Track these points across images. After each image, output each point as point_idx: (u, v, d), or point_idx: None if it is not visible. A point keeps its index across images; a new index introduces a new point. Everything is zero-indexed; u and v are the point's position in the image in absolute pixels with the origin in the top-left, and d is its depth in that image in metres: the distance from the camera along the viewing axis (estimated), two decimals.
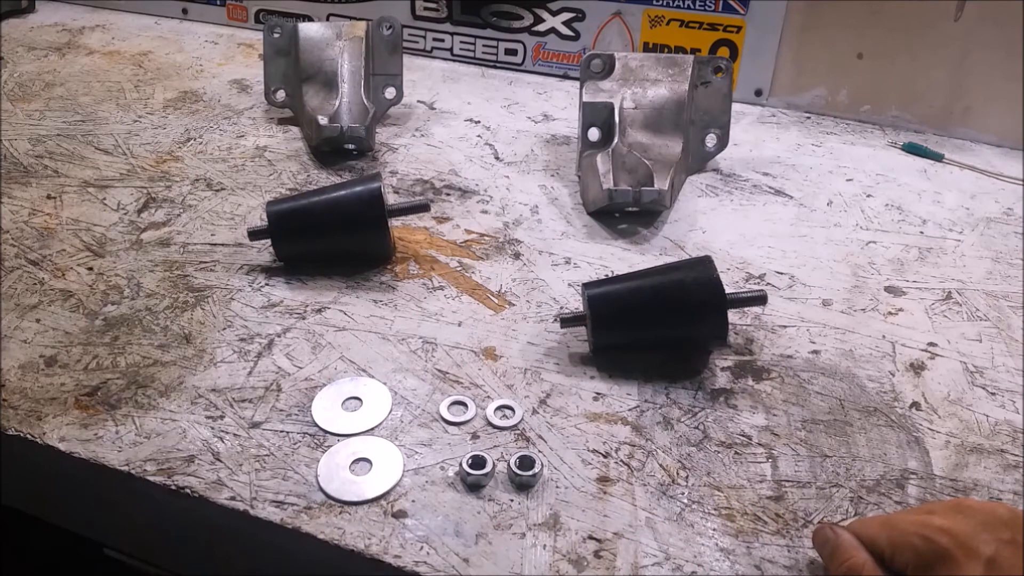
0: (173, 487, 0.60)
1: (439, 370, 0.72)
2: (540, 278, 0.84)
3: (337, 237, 0.83)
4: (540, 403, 0.69)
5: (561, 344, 0.75)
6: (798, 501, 0.61)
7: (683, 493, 0.61)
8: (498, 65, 1.34)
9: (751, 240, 0.91)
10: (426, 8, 1.35)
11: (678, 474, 0.63)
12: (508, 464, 0.61)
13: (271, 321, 0.77)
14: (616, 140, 0.97)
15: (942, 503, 0.56)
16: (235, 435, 0.64)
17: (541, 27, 1.30)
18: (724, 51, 1.20)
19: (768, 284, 0.84)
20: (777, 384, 0.71)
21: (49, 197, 0.94)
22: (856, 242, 0.92)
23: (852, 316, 0.80)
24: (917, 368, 0.74)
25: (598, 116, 1.00)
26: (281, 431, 0.65)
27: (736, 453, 0.65)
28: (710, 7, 1.19)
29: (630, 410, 0.68)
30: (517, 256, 0.88)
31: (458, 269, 0.85)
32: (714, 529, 0.59)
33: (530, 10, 1.29)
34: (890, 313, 0.81)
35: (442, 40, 1.36)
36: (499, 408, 0.68)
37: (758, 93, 1.23)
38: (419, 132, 1.13)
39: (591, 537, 0.58)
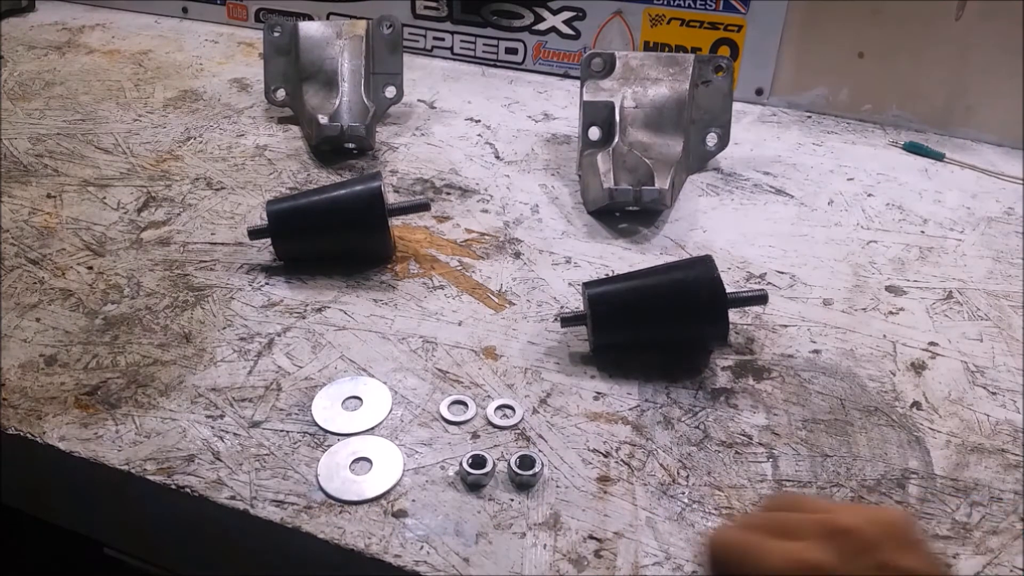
0: (173, 486, 0.60)
1: (439, 369, 0.72)
2: (540, 277, 0.84)
3: (337, 236, 0.83)
4: (540, 402, 0.69)
5: (561, 343, 0.75)
6: None
7: (684, 493, 0.61)
8: (499, 64, 1.34)
9: (752, 239, 0.91)
10: (426, 7, 1.35)
11: (679, 473, 0.63)
12: (508, 463, 0.61)
13: (271, 320, 0.76)
14: (617, 139, 0.97)
15: (814, 525, 0.45)
16: (235, 434, 0.64)
17: (542, 26, 1.30)
18: (725, 50, 1.20)
19: (769, 283, 0.84)
20: (778, 383, 0.71)
21: (49, 196, 0.94)
22: (857, 241, 0.92)
23: (853, 315, 0.80)
24: (918, 368, 0.74)
25: (599, 115, 1.00)
26: (281, 430, 0.65)
27: (737, 453, 0.65)
28: (711, 6, 1.19)
29: (630, 409, 0.68)
30: (517, 255, 0.87)
31: (458, 268, 0.85)
32: (715, 529, 0.58)
33: (531, 9, 1.29)
34: (891, 312, 0.81)
35: (442, 39, 1.36)
36: (499, 407, 0.68)
37: (759, 92, 1.23)
38: (419, 131, 1.13)
39: (591, 537, 0.58)
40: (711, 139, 1.04)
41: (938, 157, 1.10)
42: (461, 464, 0.61)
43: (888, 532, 0.44)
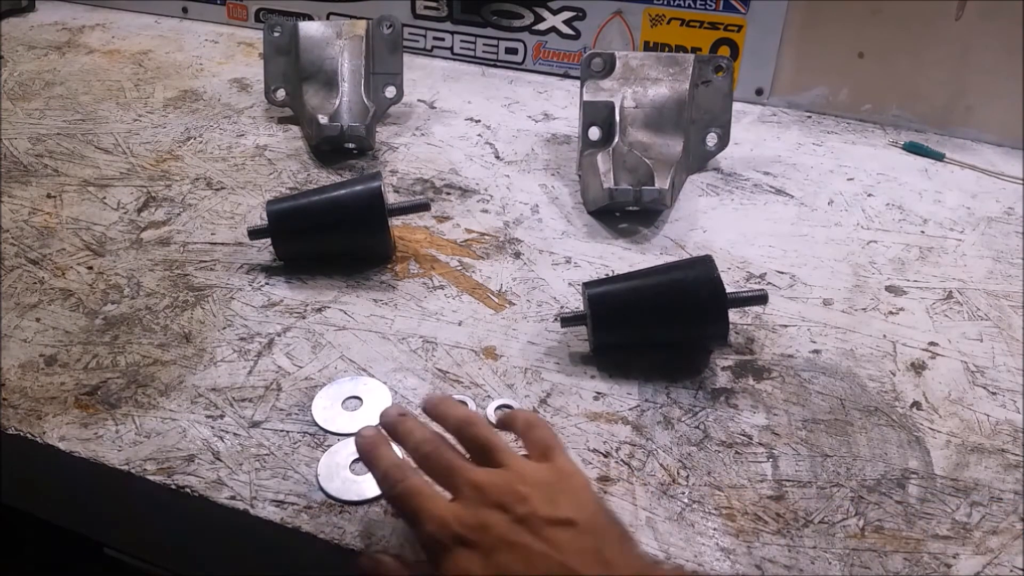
0: (173, 486, 0.60)
1: (439, 369, 0.72)
2: (540, 277, 0.84)
3: (337, 236, 0.83)
4: (540, 402, 0.69)
5: (561, 343, 0.75)
6: (799, 501, 0.61)
7: (684, 493, 0.61)
8: (499, 64, 1.34)
9: (752, 239, 0.91)
10: (426, 7, 1.35)
11: (679, 474, 0.63)
12: None
13: (271, 320, 0.76)
14: (617, 139, 0.97)
15: (468, 484, 0.51)
16: (235, 434, 0.64)
17: (542, 26, 1.30)
18: (725, 50, 1.20)
19: (769, 283, 0.84)
20: (778, 383, 0.71)
21: (49, 196, 0.94)
22: (857, 241, 0.92)
23: (853, 315, 0.80)
24: (918, 368, 0.74)
25: (599, 115, 1.00)
26: (281, 430, 0.65)
27: (737, 453, 0.65)
28: (711, 6, 1.19)
29: (630, 409, 0.68)
30: (517, 255, 0.87)
31: (458, 268, 0.85)
32: (715, 529, 0.58)
33: (531, 9, 1.29)
34: (891, 312, 0.81)
35: (442, 39, 1.36)
36: (499, 407, 0.68)
37: (759, 92, 1.23)
38: (419, 131, 1.13)
39: None
40: (711, 139, 1.04)
41: (938, 157, 1.10)
42: None
43: (541, 484, 0.50)
